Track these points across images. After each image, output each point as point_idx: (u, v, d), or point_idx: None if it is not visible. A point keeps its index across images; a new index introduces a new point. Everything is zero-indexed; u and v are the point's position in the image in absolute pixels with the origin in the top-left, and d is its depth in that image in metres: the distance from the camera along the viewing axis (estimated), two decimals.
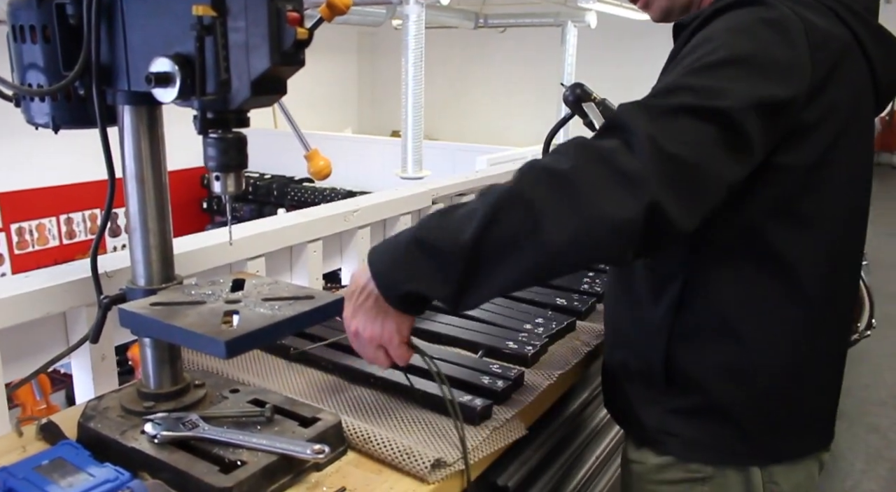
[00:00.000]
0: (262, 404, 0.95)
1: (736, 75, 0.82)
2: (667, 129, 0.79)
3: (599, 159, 0.80)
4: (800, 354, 0.97)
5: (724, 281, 0.96)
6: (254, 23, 0.76)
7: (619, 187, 0.78)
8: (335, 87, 9.87)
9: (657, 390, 1.03)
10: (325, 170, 0.97)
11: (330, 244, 1.59)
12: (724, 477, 1.01)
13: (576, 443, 1.35)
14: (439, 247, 0.84)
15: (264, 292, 0.93)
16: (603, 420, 1.47)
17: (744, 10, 0.88)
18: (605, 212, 0.77)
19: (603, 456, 1.44)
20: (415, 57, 5.92)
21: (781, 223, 0.93)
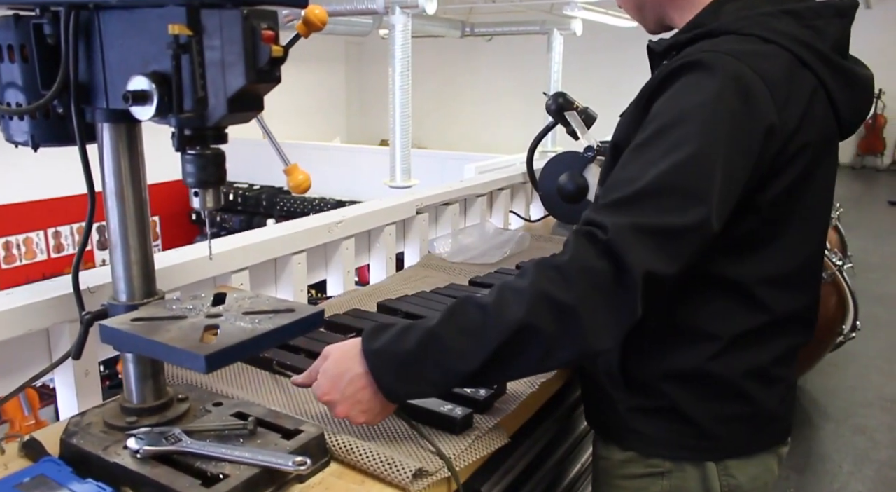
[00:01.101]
0: (245, 417, 0.96)
1: (710, 175, 0.85)
2: (661, 255, 0.85)
3: (598, 291, 0.85)
4: (751, 359, 1.01)
5: (676, 298, 0.99)
6: (229, 41, 0.77)
7: (618, 321, 0.85)
8: (323, 97, 9.89)
9: (618, 391, 1.08)
10: (305, 184, 0.98)
11: (314, 256, 1.60)
12: (681, 471, 1.06)
13: (560, 450, 1.36)
14: (448, 367, 0.89)
15: (245, 306, 0.93)
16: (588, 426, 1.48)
17: (703, 75, 0.89)
18: (604, 339, 0.86)
19: (589, 462, 1.45)
20: (402, 66, 5.95)
21: (736, 251, 0.97)
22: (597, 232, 0.85)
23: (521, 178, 2.39)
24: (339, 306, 1.51)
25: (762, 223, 0.95)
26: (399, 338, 0.92)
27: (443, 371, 0.89)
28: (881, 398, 3.38)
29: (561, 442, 1.36)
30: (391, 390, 0.92)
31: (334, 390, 0.95)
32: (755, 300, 0.99)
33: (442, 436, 1.00)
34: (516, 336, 0.85)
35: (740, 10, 0.95)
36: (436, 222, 1.99)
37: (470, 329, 0.88)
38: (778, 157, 0.91)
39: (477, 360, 0.87)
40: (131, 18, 0.82)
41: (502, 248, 1.87)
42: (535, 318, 0.84)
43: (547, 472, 1.29)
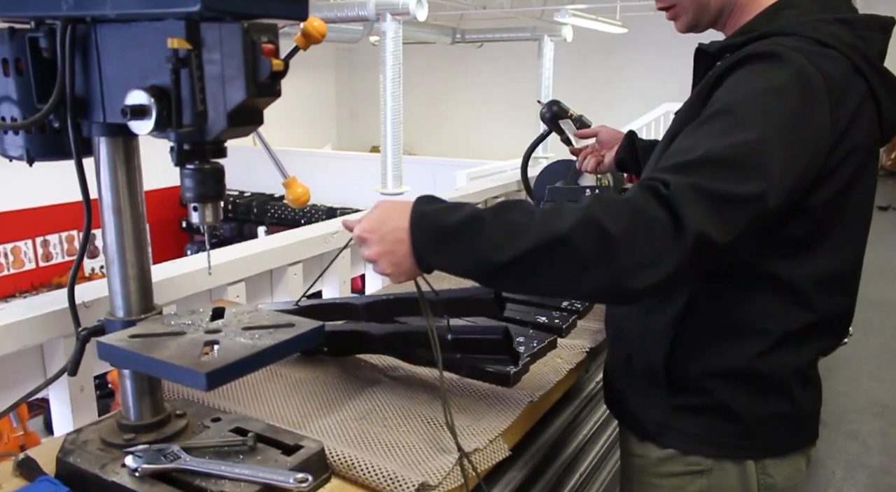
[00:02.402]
0: (245, 433, 0.95)
1: (770, 155, 0.86)
2: (716, 220, 0.84)
3: (646, 233, 0.84)
4: (795, 358, 1.04)
5: (727, 295, 1.02)
6: (229, 55, 0.77)
7: (657, 267, 0.83)
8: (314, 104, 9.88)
9: (659, 389, 1.09)
10: (304, 197, 0.97)
11: (310, 266, 1.59)
12: (722, 470, 1.07)
13: (560, 460, 1.36)
14: (481, 253, 0.88)
15: (244, 321, 0.93)
16: (587, 437, 1.47)
17: (772, 64, 0.91)
18: (638, 280, 0.84)
19: (587, 472, 1.45)
20: (393, 73, 5.94)
21: (786, 252, 0.99)
22: (658, 186, 0.85)
23: (516, 185, 2.39)
24: None
25: (815, 224, 0.97)
26: (448, 211, 0.92)
27: (474, 255, 0.88)
28: (873, 403, 3.39)
29: (561, 451, 1.36)
30: (422, 255, 0.92)
31: (374, 232, 0.95)
32: (804, 300, 1.01)
33: (436, 459, 0.99)
34: (553, 245, 0.85)
35: (797, 17, 0.98)
36: None
37: (512, 225, 0.88)
38: (830, 157, 0.92)
39: (509, 254, 0.86)
40: (129, 32, 0.81)
41: None
42: (576, 235, 0.84)
43: (547, 482, 1.28)
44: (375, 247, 0.95)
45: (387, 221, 0.95)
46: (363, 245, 0.98)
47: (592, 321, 1.50)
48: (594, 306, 1.56)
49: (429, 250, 0.92)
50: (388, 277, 0.98)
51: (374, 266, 0.97)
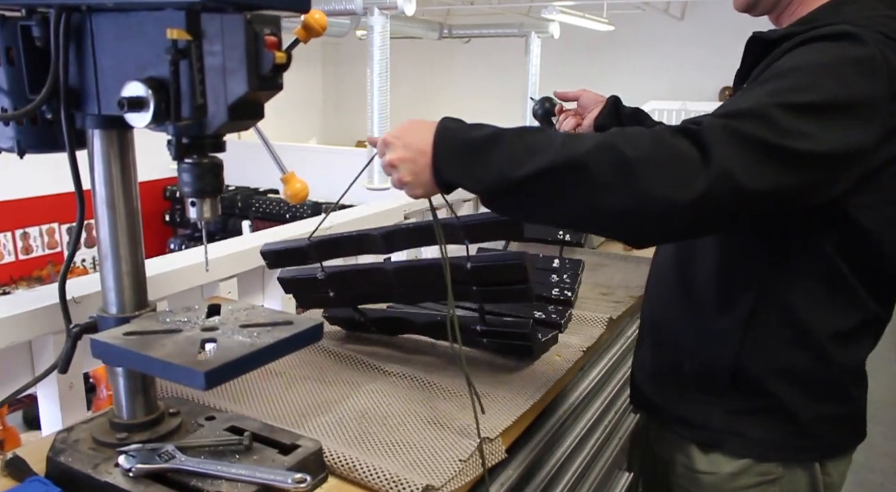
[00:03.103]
0: (240, 432, 0.93)
1: (819, 121, 0.85)
2: (745, 162, 0.82)
3: (667, 159, 0.83)
4: (853, 357, 1.05)
5: (798, 297, 1.02)
6: (231, 47, 0.75)
7: (677, 194, 0.82)
8: (299, 97, 9.80)
9: (718, 394, 1.08)
10: (303, 192, 0.95)
11: None
12: (792, 475, 1.07)
13: (553, 459, 1.35)
14: (498, 167, 0.88)
15: (241, 319, 0.91)
16: (579, 435, 1.47)
17: (837, 44, 0.90)
18: (656, 205, 0.83)
19: (580, 471, 1.44)
20: (380, 67, 5.91)
21: (853, 251, 0.99)
22: (689, 126, 0.85)
23: None
24: None
25: (882, 224, 0.96)
26: (472, 128, 0.94)
27: (492, 170, 0.89)
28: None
29: (555, 449, 1.35)
30: (441, 167, 0.93)
31: (400, 138, 0.97)
32: (860, 298, 1.01)
33: (437, 459, 0.98)
34: (570, 166, 0.85)
35: (860, 11, 0.97)
36: None
37: (533, 143, 0.89)
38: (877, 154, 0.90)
39: (527, 170, 0.86)
40: (126, 22, 0.78)
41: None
42: (593, 158, 0.84)
43: (543, 479, 1.27)
44: (399, 152, 0.96)
45: (414, 131, 0.96)
46: (387, 149, 0.98)
47: (586, 311, 1.49)
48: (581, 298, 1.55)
49: (449, 163, 0.93)
50: (404, 189, 0.98)
51: (393, 174, 0.98)
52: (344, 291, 1.30)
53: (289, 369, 1.23)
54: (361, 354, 1.30)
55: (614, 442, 1.68)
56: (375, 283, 1.27)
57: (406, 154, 0.95)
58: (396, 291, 1.28)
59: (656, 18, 7.18)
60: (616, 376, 1.63)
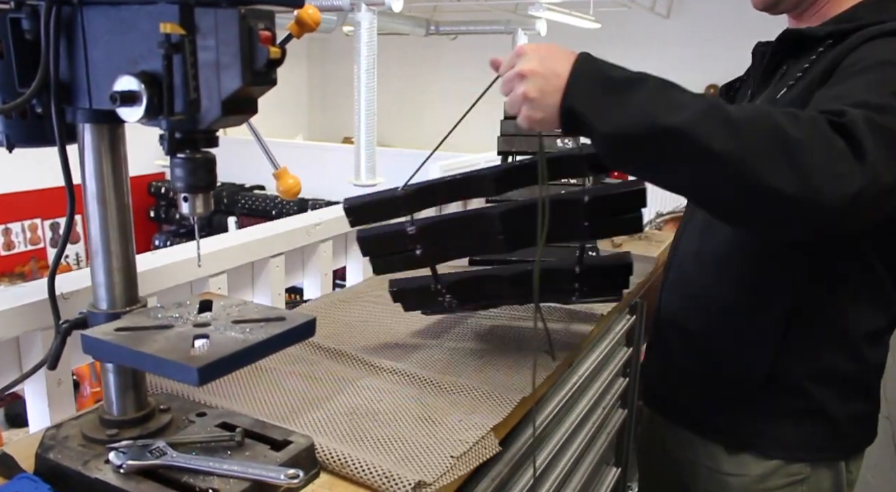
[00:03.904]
0: (232, 428, 0.93)
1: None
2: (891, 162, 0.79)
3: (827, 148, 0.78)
4: (881, 356, 1.08)
5: (836, 298, 1.03)
6: (225, 41, 0.75)
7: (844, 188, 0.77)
8: (285, 94, 9.76)
9: (751, 395, 1.09)
10: (295, 188, 0.95)
11: (292, 258, 1.57)
12: (818, 474, 1.09)
13: (544, 454, 1.36)
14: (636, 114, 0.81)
15: (234, 314, 0.91)
16: (569, 430, 1.48)
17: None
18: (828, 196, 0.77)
19: (569, 466, 1.45)
20: (367, 64, 5.88)
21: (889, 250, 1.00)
22: (832, 116, 0.80)
23: None
24: (317, 310, 1.48)
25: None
26: (614, 66, 0.87)
27: (629, 113, 0.80)
28: None
29: (546, 443, 1.36)
30: (573, 94, 0.84)
31: (536, 52, 0.88)
32: (890, 297, 1.03)
33: (429, 455, 0.98)
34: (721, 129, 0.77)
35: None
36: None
37: (680, 97, 0.82)
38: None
39: (669, 120, 0.78)
40: (118, 15, 0.78)
41: None
42: (751, 127, 0.77)
43: (533, 474, 1.28)
44: (534, 63, 0.87)
45: (553, 51, 0.88)
46: (519, 58, 0.89)
47: (575, 307, 1.50)
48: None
49: (583, 93, 0.84)
50: (524, 108, 0.89)
51: (518, 86, 0.88)
52: (434, 246, 1.16)
53: (280, 365, 1.23)
54: (353, 350, 1.30)
55: (602, 437, 1.69)
56: (475, 231, 1.12)
57: (540, 68, 0.86)
58: (497, 239, 1.13)
59: (642, 16, 7.21)
60: (604, 372, 1.64)
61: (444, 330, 1.42)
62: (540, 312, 0.98)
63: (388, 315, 1.49)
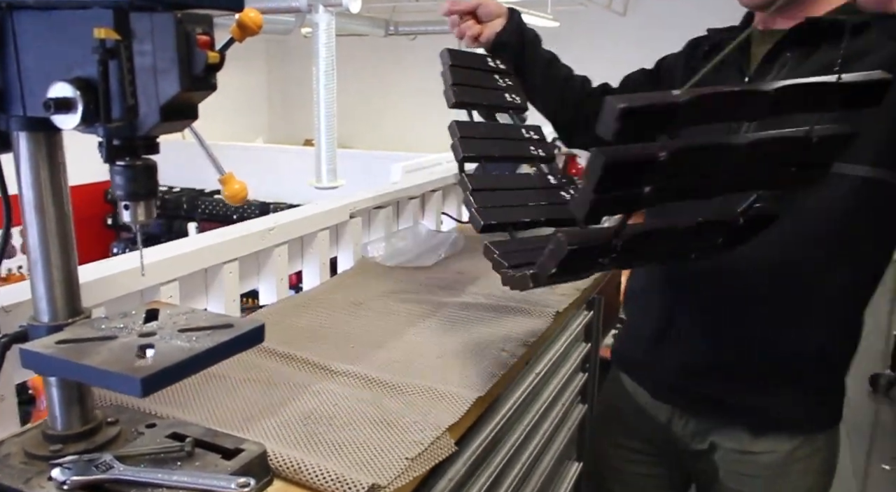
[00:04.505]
0: (182, 438, 0.92)
1: None
2: None
3: None
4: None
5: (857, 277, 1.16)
6: (161, 47, 0.73)
7: None
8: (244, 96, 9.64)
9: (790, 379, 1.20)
10: (241, 193, 0.94)
11: (246, 264, 1.55)
12: (829, 440, 1.23)
13: (503, 452, 1.37)
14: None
15: (180, 323, 0.89)
16: (528, 427, 1.49)
17: None
18: None
19: (529, 462, 1.46)
20: (326, 65, 5.84)
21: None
22: None
23: (453, 179, 2.39)
24: (272, 316, 1.47)
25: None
26: None
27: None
28: None
29: (506, 439, 1.37)
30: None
31: None
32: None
33: (384, 458, 0.98)
34: None
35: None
36: (369, 226, 1.96)
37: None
38: None
39: None
40: (50, 20, 0.76)
41: (437, 250, 1.87)
42: None
43: (493, 471, 1.29)
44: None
45: None
46: None
47: (531, 305, 1.51)
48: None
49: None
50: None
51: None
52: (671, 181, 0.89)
53: (234, 372, 1.22)
54: (309, 355, 1.29)
55: (563, 433, 1.71)
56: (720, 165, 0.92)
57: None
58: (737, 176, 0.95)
59: (600, 14, 7.30)
60: (563, 368, 1.66)
61: (401, 331, 1.42)
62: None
63: (345, 318, 1.49)
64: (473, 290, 1.65)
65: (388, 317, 1.49)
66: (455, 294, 1.62)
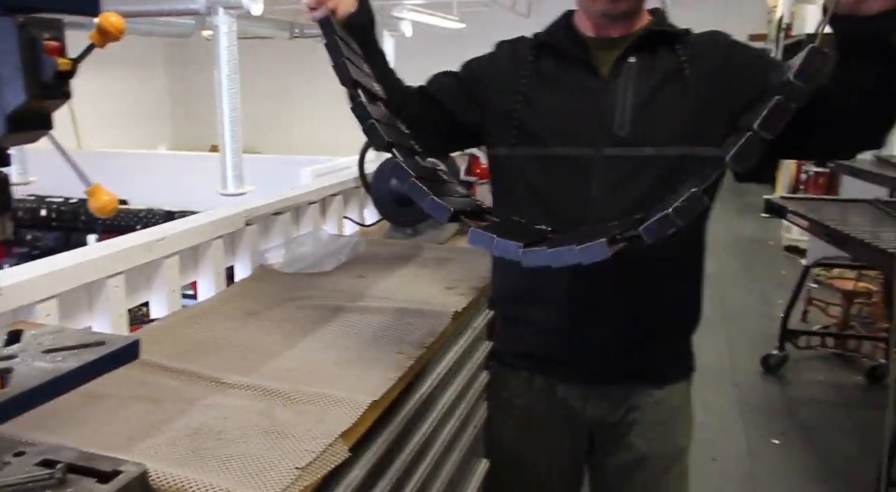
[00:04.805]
0: (53, 465, 0.87)
1: None
2: None
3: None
4: None
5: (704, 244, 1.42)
6: (4, 53, 0.70)
7: None
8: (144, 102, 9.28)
9: (685, 337, 1.45)
10: (110, 205, 0.90)
11: (133, 277, 1.49)
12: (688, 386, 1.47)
13: (405, 452, 1.37)
14: None
15: (45, 343, 0.85)
16: (432, 424, 1.50)
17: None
18: None
19: (433, 463, 1.47)
20: (229, 69, 5.69)
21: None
22: None
23: (354, 182, 2.38)
24: (163, 329, 1.42)
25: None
26: None
27: None
28: None
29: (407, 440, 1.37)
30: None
31: None
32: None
33: (274, 469, 0.97)
34: None
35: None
36: (266, 233, 1.92)
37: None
38: None
39: None
40: None
41: (337, 254, 1.85)
42: None
43: (394, 475, 1.29)
44: None
45: None
46: None
47: (429, 306, 1.52)
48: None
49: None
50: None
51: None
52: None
53: (118, 391, 1.16)
54: (201, 368, 1.25)
55: (469, 431, 1.72)
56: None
57: None
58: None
59: (504, 16, 7.44)
60: (466, 367, 1.68)
61: (298, 339, 1.40)
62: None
63: (240, 328, 1.45)
64: (373, 293, 1.65)
65: (285, 325, 1.47)
66: (354, 299, 1.61)
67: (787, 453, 2.90)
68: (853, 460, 2.82)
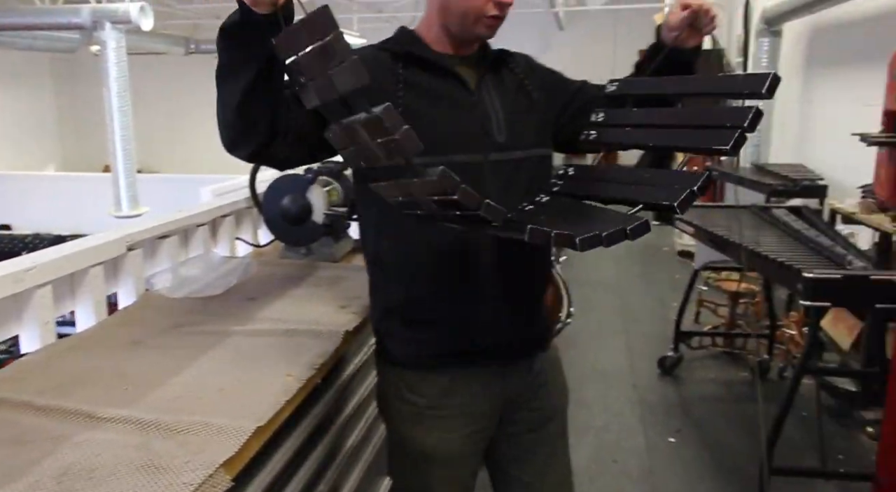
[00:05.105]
0: None
1: None
2: None
3: None
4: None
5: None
6: None
7: None
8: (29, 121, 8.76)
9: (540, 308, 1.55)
10: None
11: (1, 310, 1.40)
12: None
13: (298, 476, 1.35)
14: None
15: None
16: (328, 445, 1.48)
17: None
18: None
19: (334, 480, 1.46)
20: (119, 86, 5.49)
21: None
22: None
23: (246, 202, 2.33)
24: (33, 364, 1.34)
25: None
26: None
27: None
28: (594, 371, 3.86)
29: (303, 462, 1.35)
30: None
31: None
32: None
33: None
34: None
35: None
36: (152, 257, 1.86)
37: None
38: None
39: None
40: None
41: (228, 277, 1.81)
42: None
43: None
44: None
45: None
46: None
47: (321, 326, 1.51)
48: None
49: None
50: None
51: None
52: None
53: None
54: (75, 403, 1.19)
55: (369, 449, 1.72)
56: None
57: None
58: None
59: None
60: (363, 385, 1.67)
61: (183, 367, 1.35)
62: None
63: (122, 358, 1.39)
64: (263, 315, 1.62)
65: (170, 352, 1.42)
66: (244, 322, 1.57)
67: (682, 450, 3.03)
68: (742, 451, 2.98)
